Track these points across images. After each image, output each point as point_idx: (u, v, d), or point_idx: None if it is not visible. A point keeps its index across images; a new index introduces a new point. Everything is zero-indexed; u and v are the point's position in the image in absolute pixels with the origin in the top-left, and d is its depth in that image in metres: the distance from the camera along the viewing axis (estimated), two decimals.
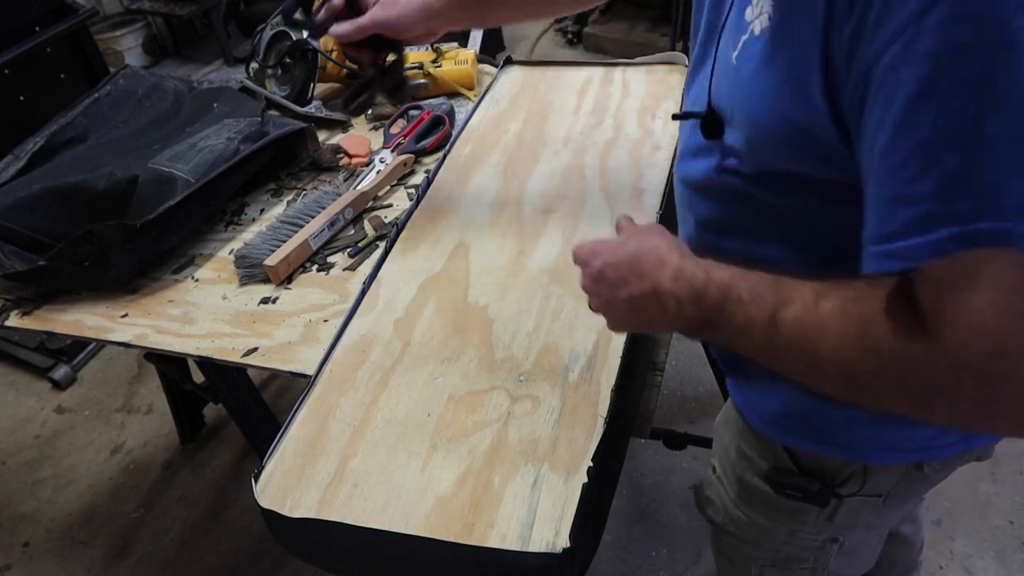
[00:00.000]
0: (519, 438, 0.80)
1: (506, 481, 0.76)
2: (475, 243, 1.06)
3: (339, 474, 0.79)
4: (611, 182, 1.11)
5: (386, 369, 0.89)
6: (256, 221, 1.23)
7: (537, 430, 0.80)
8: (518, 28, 3.85)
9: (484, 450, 0.79)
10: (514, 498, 0.74)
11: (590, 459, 0.76)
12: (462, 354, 0.90)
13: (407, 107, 1.38)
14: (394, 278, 1.02)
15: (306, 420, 0.85)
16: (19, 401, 2.25)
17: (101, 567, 1.78)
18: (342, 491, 0.77)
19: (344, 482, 0.78)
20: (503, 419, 0.82)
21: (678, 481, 1.80)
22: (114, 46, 3.59)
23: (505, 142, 1.25)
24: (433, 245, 1.07)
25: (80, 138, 1.30)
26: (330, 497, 0.77)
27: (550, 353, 0.88)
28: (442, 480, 0.77)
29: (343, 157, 1.31)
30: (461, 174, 1.19)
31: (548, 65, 1.45)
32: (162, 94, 1.38)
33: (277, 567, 1.72)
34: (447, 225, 1.10)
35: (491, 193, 1.14)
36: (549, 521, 0.72)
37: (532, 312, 0.94)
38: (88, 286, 1.13)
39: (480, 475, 0.77)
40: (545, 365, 0.87)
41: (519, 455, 0.78)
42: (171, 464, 2.00)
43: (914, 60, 0.43)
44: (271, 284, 1.09)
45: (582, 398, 0.82)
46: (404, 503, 0.75)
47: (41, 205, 1.14)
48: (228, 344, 1.01)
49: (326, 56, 1.42)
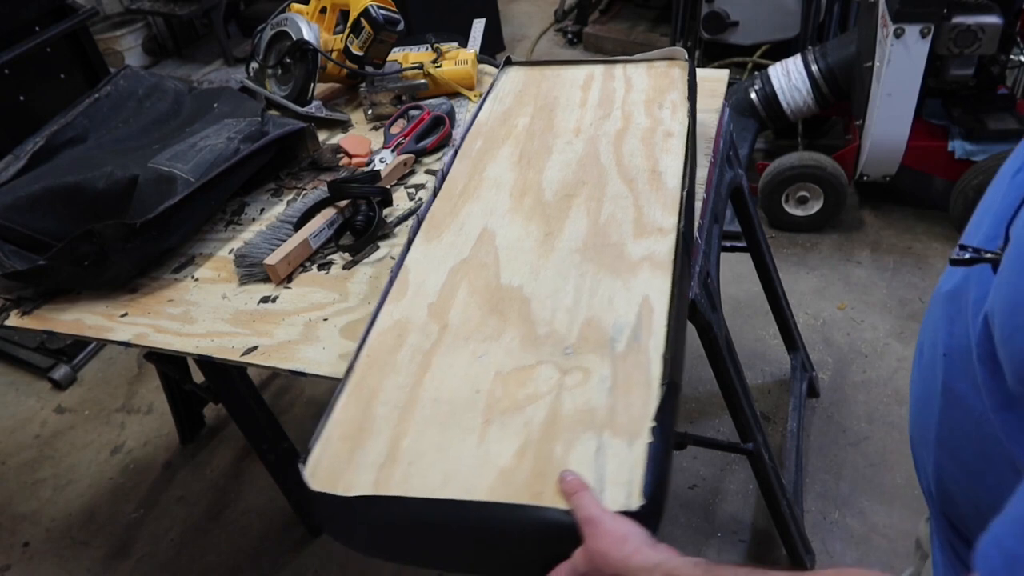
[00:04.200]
0: (574, 408, 0.79)
1: (568, 450, 0.75)
2: (500, 229, 1.05)
3: (391, 454, 0.78)
4: (628, 167, 1.12)
5: (426, 351, 0.89)
6: (256, 221, 1.23)
7: (592, 399, 0.80)
8: (518, 28, 3.85)
9: (540, 421, 0.78)
10: (579, 465, 0.73)
11: (651, 420, 0.75)
12: (502, 333, 0.89)
13: (407, 107, 1.38)
14: (421, 265, 1.01)
15: (349, 404, 0.84)
16: (19, 401, 2.25)
17: (101, 567, 1.78)
18: (397, 470, 0.76)
19: (398, 461, 0.77)
20: (555, 391, 0.81)
21: (678, 481, 1.80)
22: (114, 46, 3.59)
23: (516, 136, 1.25)
24: (457, 232, 1.06)
25: (80, 138, 1.30)
26: (385, 477, 0.76)
27: (593, 327, 0.87)
28: (501, 453, 0.76)
29: (343, 157, 1.32)
30: (475, 166, 1.19)
31: (548, 64, 1.45)
32: (162, 94, 1.38)
33: (277, 567, 1.72)
34: (468, 213, 1.09)
35: (509, 182, 1.14)
36: (619, 485, 0.71)
37: (568, 289, 0.93)
38: (88, 286, 1.13)
39: (540, 446, 0.76)
40: (590, 338, 0.86)
41: (577, 424, 0.77)
42: (171, 464, 2.00)
43: None
44: (271, 283, 1.09)
45: (633, 367, 0.82)
46: (465, 477, 0.74)
47: (41, 205, 1.14)
48: (228, 343, 1.01)
49: (326, 56, 1.43)
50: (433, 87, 1.44)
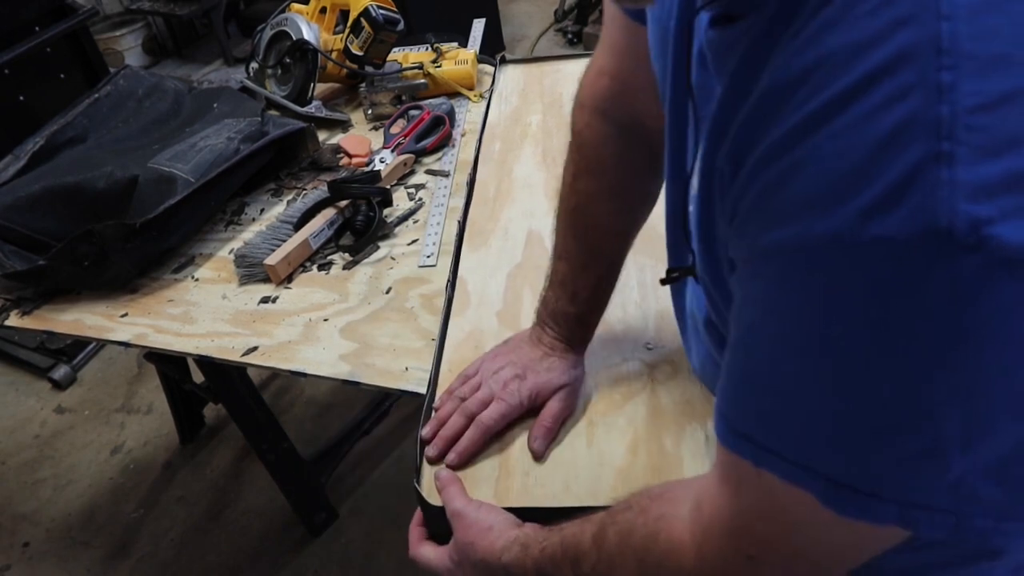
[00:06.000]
0: (672, 401, 0.79)
1: (678, 442, 0.75)
2: (546, 229, 1.03)
3: (504, 467, 0.77)
4: None
5: None
6: (256, 221, 1.23)
7: (687, 391, 0.79)
8: (518, 28, 3.85)
9: (643, 418, 0.78)
10: (692, 456, 0.73)
11: None
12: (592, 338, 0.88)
13: (407, 107, 1.38)
14: (476, 274, 1.01)
15: None
16: (19, 401, 2.25)
17: (101, 567, 1.78)
18: (515, 482, 0.75)
19: (513, 473, 0.76)
20: (648, 386, 0.81)
21: None
22: (114, 46, 3.59)
23: (532, 134, 1.24)
24: (503, 237, 1.06)
25: (80, 138, 1.30)
26: (504, 490, 0.75)
27: (666, 318, 0.86)
28: (613, 453, 0.76)
29: (343, 157, 1.31)
30: (501, 168, 1.19)
31: (544, 60, 1.45)
32: (162, 94, 1.38)
33: (277, 567, 1.72)
34: (509, 217, 1.09)
35: (540, 181, 1.14)
36: None
37: (631, 284, 0.93)
38: (88, 286, 1.13)
39: (649, 442, 0.76)
40: (666, 330, 0.86)
41: (680, 416, 0.77)
42: (171, 464, 1.99)
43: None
44: (271, 283, 1.09)
45: None
46: (585, 480, 0.74)
47: (41, 205, 1.14)
48: (228, 343, 1.01)
49: (326, 56, 1.43)
50: (433, 87, 1.44)
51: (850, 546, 0.44)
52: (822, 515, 0.40)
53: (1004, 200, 0.32)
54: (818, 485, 0.40)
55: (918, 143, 0.32)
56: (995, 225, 0.31)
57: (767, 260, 0.39)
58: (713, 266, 0.55)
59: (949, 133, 0.32)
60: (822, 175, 0.35)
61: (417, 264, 1.08)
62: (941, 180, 0.32)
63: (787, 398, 0.41)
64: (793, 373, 0.40)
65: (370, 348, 0.96)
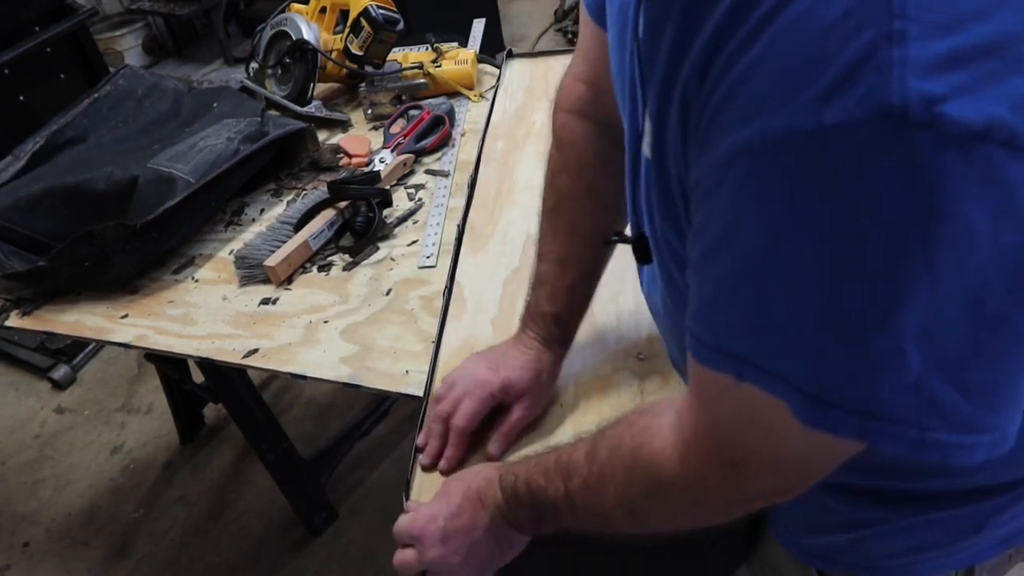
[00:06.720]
0: None
1: None
2: None
3: None
4: None
5: None
6: (256, 221, 1.23)
7: None
8: (518, 28, 3.85)
9: None
10: None
11: None
12: (572, 341, 0.88)
13: (407, 107, 1.38)
14: (473, 279, 1.01)
15: None
16: (19, 401, 2.25)
17: (101, 567, 1.78)
18: None
19: None
20: (637, 398, 0.81)
21: None
22: (114, 46, 3.59)
23: (536, 133, 1.23)
24: (502, 241, 1.05)
25: (80, 138, 1.30)
26: None
27: None
28: None
29: (343, 157, 1.31)
30: (503, 169, 1.18)
31: (551, 54, 1.44)
32: (162, 94, 1.38)
33: (277, 567, 1.71)
34: (507, 220, 1.08)
35: (541, 183, 1.14)
36: None
37: (627, 291, 0.92)
38: (88, 286, 1.13)
39: None
40: (660, 341, 0.85)
41: None
42: (171, 464, 1.99)
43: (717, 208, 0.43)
44: (271, 285, 1.09)
45: None
46: None
47: (41, 205, 1.14)
48: (228, 345, 1.01)
49: (326, 56, 1.42)
50: (433, 87, 1.44)
51: (818, 458, 0.45)
52: (792, 425, 0.41)
53: (954, 76, 0.31)
54: (791, 395, 0.41)
55: (870, 23, 0.32)
56: (947, 103, 0.31)
57: (730, 164, 0.39)
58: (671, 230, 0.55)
59: (902, 11, 0.32)
60: (777, 69, 0.36)
61: (417, 265, 1.08)
62: (893, 59, 0.32)
63: (758, 304, 0.41)
64: (760, 272, 0.40)
65: (370, 351, 0.96)
